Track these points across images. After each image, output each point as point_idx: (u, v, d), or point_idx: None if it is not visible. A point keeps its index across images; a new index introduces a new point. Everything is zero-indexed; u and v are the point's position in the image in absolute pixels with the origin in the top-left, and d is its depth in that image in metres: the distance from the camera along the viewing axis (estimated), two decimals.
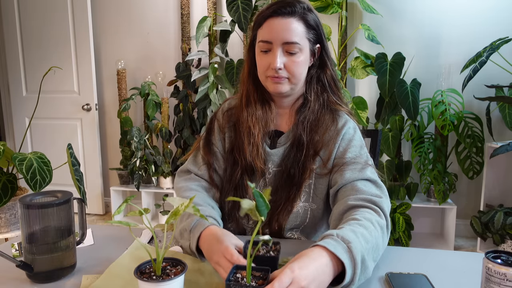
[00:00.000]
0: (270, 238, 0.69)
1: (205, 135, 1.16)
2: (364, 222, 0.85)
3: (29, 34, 3.36)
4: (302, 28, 0.99)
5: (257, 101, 1.09)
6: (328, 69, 1.07)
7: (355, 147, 1.03)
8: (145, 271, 0.69)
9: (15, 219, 1.77)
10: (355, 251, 0.75)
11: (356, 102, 2.63)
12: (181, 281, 0.67)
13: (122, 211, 3.41)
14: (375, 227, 0.85)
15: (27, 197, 0.81)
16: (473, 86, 2.67)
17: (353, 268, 0.74)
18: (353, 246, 0.75)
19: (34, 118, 3.26)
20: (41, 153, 1.64)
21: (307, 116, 1.05)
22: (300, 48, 0.99)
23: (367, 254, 0.78)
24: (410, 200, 2.70)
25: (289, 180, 1.03)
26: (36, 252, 0.79)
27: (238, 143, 1.08)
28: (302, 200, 1.04)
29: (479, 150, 2.56)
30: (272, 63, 0.99)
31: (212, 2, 2.99)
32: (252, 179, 1.08)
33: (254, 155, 1.05)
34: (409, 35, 2.83)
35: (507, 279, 0.60)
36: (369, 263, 0.78)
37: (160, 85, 3.23)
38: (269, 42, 0.99)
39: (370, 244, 0.81)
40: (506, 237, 2.38)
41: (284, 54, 0.99)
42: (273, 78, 1.01)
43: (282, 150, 1.07)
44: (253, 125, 1.06)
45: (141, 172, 3.08)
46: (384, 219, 0.90)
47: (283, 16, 0.98)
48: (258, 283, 0.69)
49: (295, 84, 1.03)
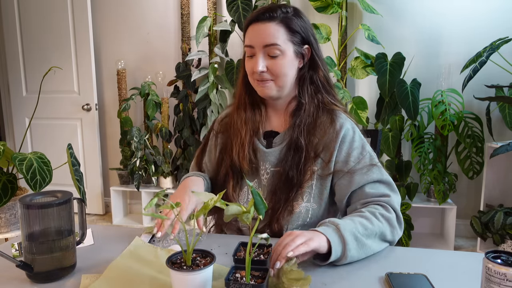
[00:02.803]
0: (268, 236, 0.70)
1: (201, 145, 1.24)
2: (366, 214, 0.94)
3: (29, 34, 3.36)
4: (283, 31, 1.02)
5: (247, 104, 1.13)
6: (320, 70, 1.09)
7: (357, 149, 1.05)
8: (176, 261, 0.73)
9: (15, 219, 1.77)
10: (343, 230, 0.86)
11: (356, 102, 2.63)
12: (210, 271, 0.70)
13: (122, 211, 3.41)
14: (378, 218, 0.94)
15: (27, 197, 0.81)
16: (473, 86, 2.67)
17: (342, 244, 0.84)
18: (342, 227, 0.87)
19: (34, 118, 3.26)
20: (41, 153, 1.64)
21: (303, 119, 1.07)
22: (282, 51, 1.02)
23: (363, 235, 0.88)
24: (410, 200, 2.70)
25: (287, 182, 1.05)
26: (36, 252, 0.79)
27: (227, 144, 1.13)
28: (304, 201, 1.05)
29: (479, 150, 2.56)
30: (254, 67, 1.03)
31: (212, 2, 2.99)
32: (239, 180, 1.11)
33: (240, 156, 1.09)
34: (409, 35, 2.83)
35: (507, 279, 0.60)
36: (368, 242, 0.88)
37: (160, 85, 3.23)
38: (251, 47, 1.04)
39: (370, 231, 0.90)
40: (506, 237, 2.38)
41: (266, 58, 1.03)
42: (259, 82, 1.05)
43: (278, 150, 1.08)
44: (241, 127, 1.11)
45: (141, 172, 3.08)
46: (393, 213, 0.97)
47: (262, 21, 1.02)
48: (258, 282, 0.69)
49: (281, 86, 1.05)
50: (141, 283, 0.78)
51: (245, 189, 1.11)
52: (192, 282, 0.68)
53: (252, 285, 0.68)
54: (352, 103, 2.63)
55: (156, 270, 0.82)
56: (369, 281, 0.79)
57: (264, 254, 0.79)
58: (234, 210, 0.68)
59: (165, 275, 0.80)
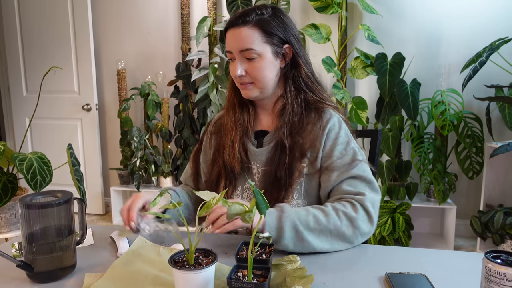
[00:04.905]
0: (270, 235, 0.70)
1: (196, 146, 1.26)
2: (327, 209, 0.94)
3: (29, 34, 3.36)
4: (257, 34, 1.03)
5: (236, 105, 1.15)
6: (301, 68, 1.08)
7: (341, 144, 1.05)
8: (179, 260, 0.73)
9: (15, 219, 1.77)
10: (285, 217, 0.90)
11: (356, 102, 2.63)
12: (213, 270, 0.71)
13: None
14: (339, 216, 0.94)
15: (27, 197, 0.81)
16: (473, 86, 2.67)
17: (277, 230, 0.89)
18: (286, 215, 0.90)
19: (34, 118, 3.26)
20: (41, 153, 1.64)
21: (288, 119, 1.07)
22: (258, 53, 1.03)
23: (307, 229, 0.90)
24: (410, 200, 2.70)
25: (276, 182, 1.05)
26: (36, 252, 0.79)
27: (220, 145, 1.15)
28: (294, 198, 1.05)
29: (479, 150, 2.56)
30: (233, 71, 1.06)
31: (212, 2, 2.99)
32: (232, 179, 1.12)
33: (231, 156, 1.10)
34: (409, 35, 2.83)
35: (506, 279, 0.60)
36: (308, 237, 0.89)
37: (160, 85, 3.23)
38: (230, 52, 1.06)
39: (322, 226, 0.91)
40: (506, 237, 2.38)
41: (244, 61, 1.05)
42: (240, 85, 1.08)
43: (267, 149, 1.10)
44: (231, 127, 1.12)
45: (141, 172, 3.08)
46: (361, 212, 0.95)
47: (237, 26, 1.04)
48: (260, 281, 0.70)
49: (262, 87, 1.07)
50: (144, 282, 0.78)
51: (239, 189, 1.12)
52: (195, 281, 0.68)
53: (254, 284, 0.68)
54: (352, 103, 2.63)
55: (159, 269, 0.82)
56: (369, 281, 0.79)
57: (266, 254, 0.79)
58: (237, 209, 0.68)
59: (168, 274, 0.80)
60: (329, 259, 0.90)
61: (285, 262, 0.82)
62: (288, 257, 0.83)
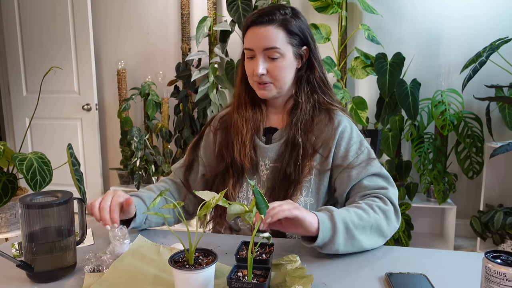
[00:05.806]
0: (270, 235, 0.70)
1: (196, 138, 1.24)
2: (363, 205, 0.95)
3: (29, 34, 3.36)
4: (282, 34, 1.03)
5: (248, 103, 1.14)
6: (316, 70, 1.11)
7: (355, 144, 1.07)
8: (179, 260, 0.73)
9: (15, 219, 1.77)
10: (337, 216, 0.88)
11: (356, 102, 2.63)
12: (213, 270, 0.71)
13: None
14: (375, 210, 0.95)
15: (27, 197, 0.81)
16: (473, 86, 2.67)
17: (332, 230, 0.86)
18: (335, 214, 0.88)
19: (34, 118, 3.26)
20: (41, 153, 1.64)
21: (300, 117, 1.08)
22: (281, 53, 1.03)
23: (356, 227, 0.89)
24: (410, 200, 2.70)
25: (286, 178, 1.06)
26: (36, 252, 0.79)
27: (228, 142, 1.14)
28: (303, 195, 1.06)
29: (479, 150, 2.56)
30: (255, 69, 1.05)
31: (212, 2, 2.99)
32: (239, 177, 1.11)
33: (242, 154, 1.10)
34: (409, 35, 2.83)
35: (506, 279, 0.60)
36: (358, 235, 0.89)
37: (160, 85, 3.23)
38: (251, 50, 1.05)
39: (365, 221, 0.91)
40: (506, 237, 2.38)
41: (266, 60, 1.04)
42: (258, 84, 1.07)
43: (277, 146, 1.10)
44: (242, 126, 1.12)
45: (141, 172, 3.08)
46: (390, 205, 0.98)
47: (262, 24, 1.03)
48: (260, 281, 0.70)
49: (280, 87, 1.08)
50: (144, 282, 0.78)
51: (244, 186, 1.12)
52: (195, 281, 0.68)
53: (254, 283, 0.68)
54: (352, 103, 2.63)
55: (159, 269, 0.82)
56: (369, 281, 0.79)
57: (266, 254, 0.79)
58: (237, 209, 0.68)
59: (168, 273, 0.80)
60: (329, 259, 0.89)
61: (285, 262, 0.82)
62: (288, 257, 0.83)
